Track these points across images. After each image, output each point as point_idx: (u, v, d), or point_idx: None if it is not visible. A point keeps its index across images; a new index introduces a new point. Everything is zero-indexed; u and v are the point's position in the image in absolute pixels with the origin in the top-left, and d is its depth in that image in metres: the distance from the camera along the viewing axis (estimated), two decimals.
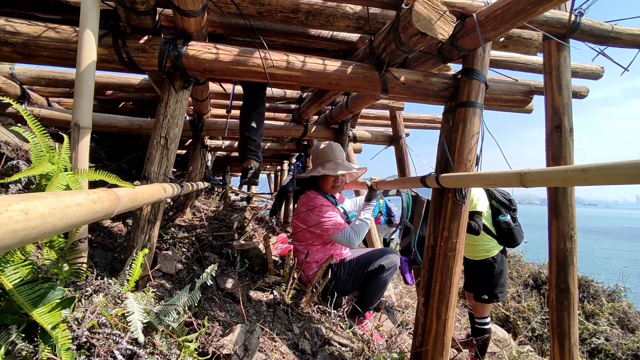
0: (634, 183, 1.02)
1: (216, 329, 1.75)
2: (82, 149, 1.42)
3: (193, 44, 1.81)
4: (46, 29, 1.70)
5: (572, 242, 2.00)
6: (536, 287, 5.67)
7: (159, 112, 1.89)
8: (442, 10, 1.56)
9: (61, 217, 0.51)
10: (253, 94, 2.73)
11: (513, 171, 1.37)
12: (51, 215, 0.48)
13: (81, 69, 1.41)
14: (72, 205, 0.55)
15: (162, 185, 1.45)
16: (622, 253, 21.58)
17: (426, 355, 1.91)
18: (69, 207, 0.54)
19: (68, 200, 0.55)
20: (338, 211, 2.77)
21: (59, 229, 0.51)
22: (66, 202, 0.54)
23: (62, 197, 0.54)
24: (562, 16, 1.96)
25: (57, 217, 0.50)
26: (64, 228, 0.53)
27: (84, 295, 1.11)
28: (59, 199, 0.52)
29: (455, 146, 1.93)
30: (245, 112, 2.70)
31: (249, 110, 2.68)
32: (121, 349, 0.95)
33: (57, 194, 0.54)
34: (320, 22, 1.96)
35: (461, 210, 1.90)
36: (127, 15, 1.67)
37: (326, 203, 2.72)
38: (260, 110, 2.74)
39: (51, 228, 0.48)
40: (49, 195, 0.51)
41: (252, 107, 2.69)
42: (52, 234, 0.51)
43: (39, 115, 3.07)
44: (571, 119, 2.04)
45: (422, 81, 2.04)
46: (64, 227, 0.52)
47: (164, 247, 2.54)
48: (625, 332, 4.65)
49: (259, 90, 2.75)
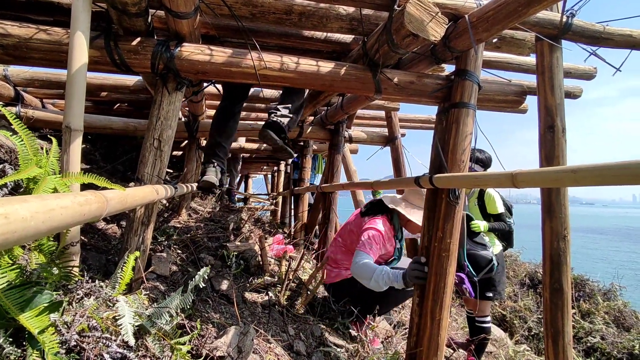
0: (622, 184, 1.03)
1: (210, 331, 1.74)
2: (74, 151, 1.41)
3: (186, 46, 1.81)
4: (38, 31, 1.69)
5: (566, 242, 2.01)
6: (533, 287, 5.69)
7: (152, 113, 1.88)
8: (434, 12, 1.57)
9: (44, 220, 0.51)
10: (235, 99, 2.64)
11: (505, 172, 1.38)
12: (33, 219, 0.48)
13: (72, 70, 1.41)
14: (56, 209, 0.55)
15: (155, 187, 1.45)
16: (617, 252, 21.69)
17: (421, 355, 1.92)
18: (53, 211, 0.54)
19: (53, 204, 0.55)
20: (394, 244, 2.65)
21: (43, 232, 0.51)
22: (50, 205, 0.54)
23: (46, 200, 0.54)
24: (554, 17, 1.96)
25: (39, 221, 0.50)
26: (48, 231, 0.52)
27: (74, 299, 1.11)
28: (43, 202, 0.52)
29: (449, 147, 1.94)
30: (222, 116, 2.59)
31: (227, 115, 2.58)
32: (111, 352, 0.95)
33: (42, 197, 0.54)
34: (313, 24, 1.96)
35: (455, 211, 1.90)
36: (119, 17, 1.66)
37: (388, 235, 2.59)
38: (237, 117, 2.65)
39: (33, 232, 0.48)
40: (32, 198, 0.51)
41: (231, 112, 2.59)
42: (35, 238, 0.51)
43: (32, 117, 3.06)
44: (564, 119, 2.05)
45: (416, 82, 2.04)
46: (48, 230, 0.52)
47: (158, 249, 2.53)
48: (620, 331, 4.67)
49: (242, 97, 2.66)
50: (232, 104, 2.62)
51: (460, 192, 1.93)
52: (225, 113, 2.59)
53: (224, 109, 2.61)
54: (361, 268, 2.32)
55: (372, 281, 2.22)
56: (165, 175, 1.96)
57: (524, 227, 3.08)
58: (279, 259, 3.10)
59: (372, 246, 2.45)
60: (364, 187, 3.22)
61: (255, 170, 11.94)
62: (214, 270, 2.53)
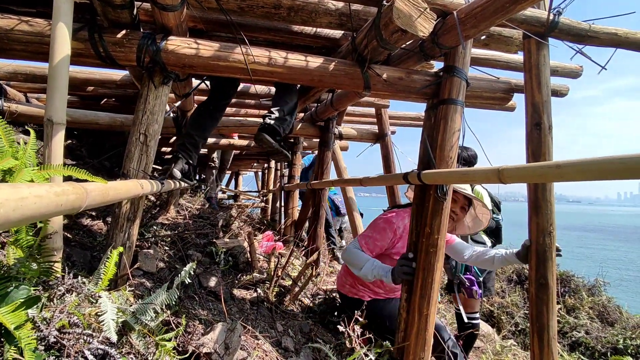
0: (607, 179, 1.04)
1: (197, 328, 1.73)
2: (56, 145, 1.38)
3: (172, 39, 1.78)
4: (19, 22, 1.65)
5: (551, 237, 2.03)
6: (520, 283, 5.76)
7: (138, 108, 1.85)
8: (422, 8, 1.57)
9: (15, 208, 0.49)
10: (219, 97, 2.59)
11: (491, 167, 1.38)
12: (3, 206, 0.47)
13: (54, 62, 1.37)
14: (29, 197, 0.53)
15: (140, 182, 1.43)
16: (602, 249, 22.12)
17: (408, 350, 1.93)
18: (25, 199, 0.52)
19: (25, 192, 0.53)
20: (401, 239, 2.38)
21: (13, 221, 0.50)
22: (23, 193, 0.52)
23: (18, 187, 0.52)
24: (541, 15, 1.98)
25: (10, 208, 0.48)
26: (19, 220, 0.51)
27: (55, 295, 1.08)
28: (14, 190, 0.51)
29: (437, 143, 1.95)
30: (201, 111, 2.54)
31: (206, 112, 2.53)
32: (92, 348, 0.93)
33: (14, 185, 0.53)
34: (302, 18, 1.94)
35: (442, 207, 1.91)
36: (103, 9, 1.63)
37: (395, 227, 2.37)
38: (216, 115, 2.60)
39: (3, 219, 0.47)
40: (2, 185, 0.49)
41: (212, 109, 2.55)
42: (5, 226, 0.49)
43: (16, 112, 2.99)
44: (550, 117, 2.07)
45: (405, 78, 2.04)
46: (20, 218, 0.51)
47: (145, 245, 2.50)
48: (604, 326, 4.76)
49: (227, 95, 2.62)
50: (215, 101, 2.58)
51: (448, 189, 1.94)
52: (206, 109, 2.55)
53: (206, 105, 2.58)
54: (353, 255, 2.27)
55: (362, 271, 2.18)
56: (152, 171, 1.93)
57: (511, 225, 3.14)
58: (268, 256, 3.08)
59: (371, 235, 2.35)
60: (354, 183, 3.22)
61: (246, 167, 11.88)
62: (202, 267, 2.51)
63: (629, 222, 58.90)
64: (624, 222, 58.44)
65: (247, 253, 2.88)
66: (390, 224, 2.38)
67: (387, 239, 2.36)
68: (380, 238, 2.34)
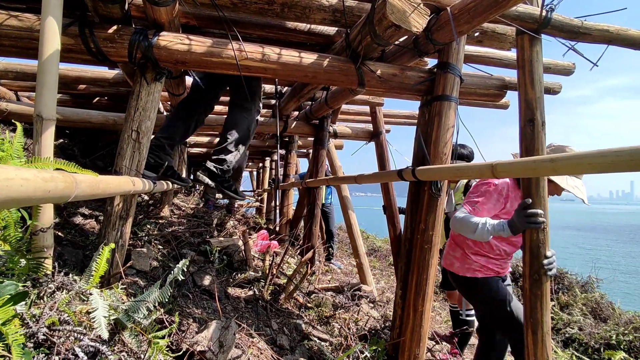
0: (598, 172, 1.04)
1: (191, 326, 1.71)
2: (46, 141, 1.36)
3: (164, 35, 1.77)
4: (8, 16, 1.63)
5: (545, 233, 2.04)
6: (514, 280, 5.79)
7: (130, 104, 1.83)
8: (416, 3, 1.56)
9: (1, 188, 0.48)
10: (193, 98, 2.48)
11: (485, 163, 1.39)
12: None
13: (43, 58, 1.35)
14: (15, 179, 0.52)
15: (131, 179, 1.41)
16: (595, 246, 22.34)
17: (403, 345, 1.93)
18: (11, 180, 0.51)
19: (12, 173, 0.52)
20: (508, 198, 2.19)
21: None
22: (9, 174, 0.51)
23: (4, 168, 0.51)
24: (534, 11, 1.99)
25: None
26: (4, 201, 0.50)
27: (45, 292, 1.06)
28: (0, 170, 0.50)
29: (431, 139, 1.95)
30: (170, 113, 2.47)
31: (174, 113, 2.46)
32: (83, 346, 0.92)
33: (0, 166, 0.52)
34: (296, 15, 1.93)
35: (437, 203, 1.91)
36: (94, 4, 1.61)
37: (500, 188, 2.17)
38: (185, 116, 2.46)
39: None
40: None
41: (182, 108, 2.47)
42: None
43: (6, 110, 2.95)
44: (543, 113, 2.07)
45: (399, 75, 2.04)
46: (4, 199, 0.49)
47: (138, 244, 2.48)
48: (597, 322, 4.79)
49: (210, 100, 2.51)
50: (186, 101, 2.50)
51: (443, 185, 1.94)
52: (174, 109, 2.48)
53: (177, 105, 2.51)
54: (464, 220, 2.07)
55: (477, 232, 2.02)
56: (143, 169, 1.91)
57: None
58: (263, 255, 3.07)
59: (476, 200, 2.16)
60: (349, 181, 3.22)
61: None
62: (196, 266, 2.49)
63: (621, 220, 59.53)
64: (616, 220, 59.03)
65: (242, 252, 2.86)
66: (493, 186, 2.20)
67: (493, 200, 2.18)
68: (485, 201, 2.16)
